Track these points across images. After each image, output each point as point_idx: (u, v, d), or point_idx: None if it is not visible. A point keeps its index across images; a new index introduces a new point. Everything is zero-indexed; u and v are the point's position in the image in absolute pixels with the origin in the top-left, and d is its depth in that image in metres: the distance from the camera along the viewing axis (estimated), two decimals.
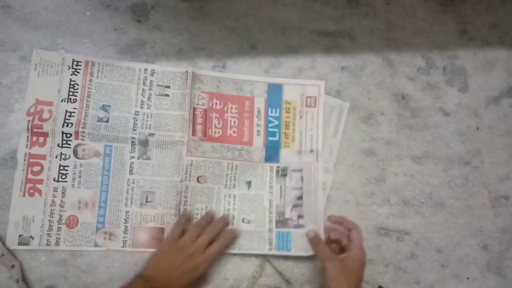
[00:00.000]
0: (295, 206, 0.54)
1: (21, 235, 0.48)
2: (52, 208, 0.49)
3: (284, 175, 0.55)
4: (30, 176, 0.49)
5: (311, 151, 0.56)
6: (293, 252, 0.52)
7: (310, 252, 0.52)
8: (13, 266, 0.47)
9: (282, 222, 0.54)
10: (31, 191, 0.49)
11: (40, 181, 0.49)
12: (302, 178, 0.55)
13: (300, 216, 0.54)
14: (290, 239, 0.53)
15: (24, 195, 0.49)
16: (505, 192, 0.61)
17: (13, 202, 0.49)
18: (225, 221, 0.52)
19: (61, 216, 0.49)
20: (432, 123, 0.61)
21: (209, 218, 0.51)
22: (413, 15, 0.64)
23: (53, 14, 0.54)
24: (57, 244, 0.49)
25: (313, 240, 0.51)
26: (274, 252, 0.52)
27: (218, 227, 0.51)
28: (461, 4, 0.66)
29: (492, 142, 0.62)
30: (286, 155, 0.56)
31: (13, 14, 0.53)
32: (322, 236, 0.52)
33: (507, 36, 0.66)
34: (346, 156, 0.58)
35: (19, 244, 0.48)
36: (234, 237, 0.52)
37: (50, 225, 0.49)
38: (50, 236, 0.49)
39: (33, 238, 0.48)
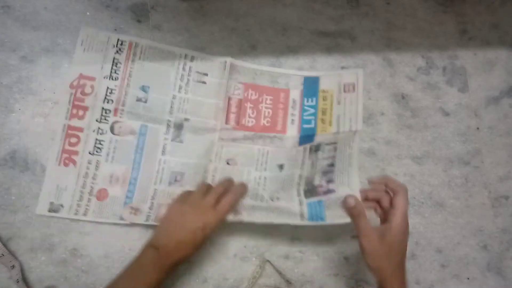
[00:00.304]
0: (324, 172, 0.49)
1: (52, 202, 0.49)
2: (85, 179, 0.50)
3: (317, 150, 0.52)
4: (67, 146, 0.50)
5: (350, 131, 0.55)
6: (327, 221, 0.46)
7: (346, 219, 0.44)
8: (13, 266, 0.47)
9: (310, 191, 0.49)
10: (67, 161, 0.50)
11: (76, 153, 0.50)
12: (335, 148, 0.51)
13: (330, 181, 0.48)
14: (323, 208, 0.47)
15: (59, 165, 0.50)
16: (505, 192, 0.61)
17: (48, 171, 0.50)
18: (233, 181, 0.51)
19: (92, 188, 0.50)
20: (432, 123, 0.61)
21: (224, 187, 0.49)
22: (413, 15, 0.64)
23: (53, 14, 0.54)
24: (84, 214, 0.49)
25: (353, 211, 0.43)
26: (306, 222, 0.47)
27: (227, 183, 0.50)
28: (461, 4, 0.66)
29: (492, 142, 0.62)
30: (322, 137, 0.55)
31: (13, 14, 0.53)
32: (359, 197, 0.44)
33: (507, 36, 0.66)
34: None
35: (49, 211, 0.49)
36: (244, 190, 0.50)
37: (81, 196, 0.50)
38: (79, 206, 0.49)
39: (63, 207, 0.49)
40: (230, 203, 0.47)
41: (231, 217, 0.48)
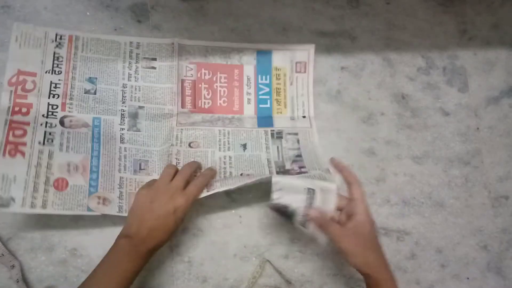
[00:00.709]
0: (295, 161, 0.53)
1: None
2: (38, 169, 0.46)
3: (279, 137, 0.55)
4: (11, 138, 0.46)
5: (304, 117, 0.56)
6: (302, 177, 0.48)
7: (321, 184, 0.46)
8: (13, 266, 0.47)
9: (283, 172, 0.52)
10: (13, 151, 0.45)
11: (23, 144, 0.46)
12: (298, 141, 0.55)
13: (301, 167, 0.52)
14: None
15: (4, 155, 0.45)
16: (505, 192, 0.61)
17: None
18: (200, 164, 0.50)
19: (48, 178, 0.46)
20: (432, 123, 0.61)
21: (192, 168, 0.48)
22: (413, 15, 0.64)
23: (53, 14, 0.54)
24: (44, 206, 0.45)
25: (319, 221, 0.44)
26: (279, 177, 0.46)
27: (194, 165, 0.49)
28: (461, 4, 0.66)
29: (492, 142, 0.62)
30: (279, 121, 0.56)
31: (13, 14, 0.53)
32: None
33: (507, 36, 0.66)
34: (346, 156, 0.58)
35: None
36: (213, 173, 0.49)
37: (36, 187, 0.45)
38: (35, 198, 0.45)
39: (14, 200, 0.44)
40: (199, 185, 0.46)
41: (205, 193, 0.47)
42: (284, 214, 0.45)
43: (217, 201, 0.54)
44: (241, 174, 0.51)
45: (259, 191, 0.54)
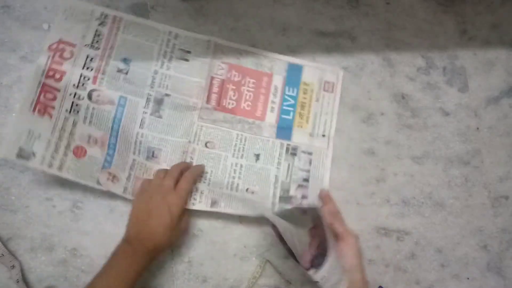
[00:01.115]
0: (300, 186, 0.55)
1: (22, 148, 0.46)
2: (62, 133, 0.48)
3: (293, 154, 0.55)
4: (42, 99, 0.48)
5: (323, 135, 0.57)
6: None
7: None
8: (13, 266, 0.47)
9: (285, 198, 0.54)
10: (42, 110, 0.48)
11: (52, 107, 0.49)
12: (310, 161, 0.56)
13: (304, 197, 0.54)
14: None
15: (33, 112, 0.47)
16: (505, 192, 0.61)
17: (19, 113, 0.47)
18: (189, 164, 0.51)
19: (69, 143, 0.49)
20: (432, 123, 0.61)
21: (180, 168, 0.50)
22: (413, 15, 0.64)
23: (53, 14, 0.54)
24: (59, 169, 0.47)
25: (331, 215, 0.46)
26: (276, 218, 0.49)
27: (182, 164, 0.50)
28: (461, 4, 0.66)
29: (492, 142, 0.62)
30: (298, 135, 0.56)
31: (13, 14, 0.53)
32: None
33: (507, 36, 0.66)
34: (346, 156, 0.58)
35: (17, 156, 0.46)
36: (201, 169, 0.51)
37: (57, 148, 0.48)
38: (54, 159, 0.47)
39: (34, 156, 0.46)
40: (188, 181, 0.48)
41: (208, 208, 0.50)
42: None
43: None
44: (247, 189, 0.53)
45: None
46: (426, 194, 0.59)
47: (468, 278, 0.58)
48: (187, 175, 0.48)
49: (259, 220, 0.54)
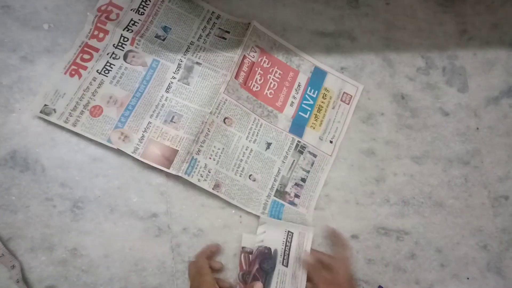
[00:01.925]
0: (297, 184, 0.56)
1: (46, 105, 0.50)
2: (85, 93, 0.52)
3: (301, 152, 0.57)
4: (78, 60, 0.52)
5: (331, 142, 0.58)
6: (283, 221, 0.54)
7: (299, 228, 0.54)
8: (13, 266, 0.47)
9: (280, 193, 0.56)
10: (73, 72, 0.52)
11: (85, 68, 0.52)
12: (313, 163, 0.57)
13: (297, 195, 0.56)
14: (282, 211, 0.55)
15: (65, 73, 0.52)
16: (505, 192, 0.61)
17: (53, 75, 0.51)
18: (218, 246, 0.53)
19: (88, 102, 0.52)
20: (431, 123, 0.61)
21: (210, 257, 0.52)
22: (413, 15, 0.64)
23: (53, 14, 0.54)
24: (74, 125, 0.51)
25: (310, 266, 0.51)
26: (266, 217, 0.54)
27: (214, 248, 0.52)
28: (461, 4, 0.66)
29: (492, 142, 0.62)
30: (309, 135, 0.58)
31: (13, 14, 0.53)
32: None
33: (507, 36, 0.66)
34: (346, 156, 0.58)
35: (41, 112, 0.50)
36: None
37: (76, 106, 0.51)
38: (71, 116, 0.51)
39: (55, 112, 0.50)
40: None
41: (210, 189, 0.52)
42: (267, 257, 0.51)
43: (217, 201, 0.54)
44: (250, 176, 0.55)
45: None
46: (425, 194, 0.59)
47: (468, 278, 0.58)
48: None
49: (259, 220, 0.54)
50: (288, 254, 0.52)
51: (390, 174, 0.59)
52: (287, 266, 0.51)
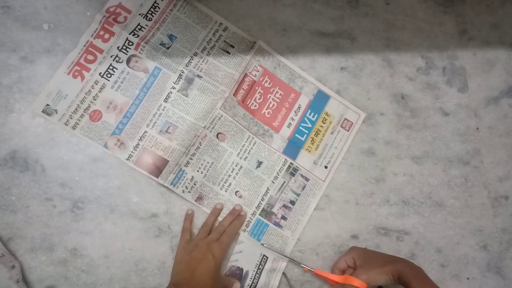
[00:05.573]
0: (285, 206, 0.55)
1: (48, 105, 0.51)
2: (86, 96, 0.52)
3: (292, 174, 0.56)
4: (82, 60, 0.53)
5: (326, 167, 0.57)
6: (260, 243, 0.54)
7: (276, 254, 0.53)
8: (13, 266, 0.47)
9: (266, 213, 0.55)
10: (76, 73, 0.52)
11: (88, 69, 0.53)
12: (304, 187, 0.56)
13: (284, 217, 0.55)
14: (265, 231, 0.54)
15: (68, 74, 0.52)
16: (505, 192, 0.61)
17: (56, 75, 0.52)
18: (234, 216, 0.53)
19: (89, 106, 0.52)
20: (431, 123, 0.61)
21: (216, 215, 0.53)
22: (413, 15, 0.64)
23: (53, 14, 0.54)
24: (74, 128, 0.52)
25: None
26: (245, 235, 0.54)
27: (227, 222, 0.52)
28: (461, 4, 0.66)
29: (492, 142, 0.62)
30: (304, 158, 0.57)
31: (13, 14, 0.53)
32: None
33: (507, 36, 0.66)
34: (346, 156, 0.58)
35: (42, 111, 0.51)
36: (241, 222, 0.54)
37: (77, 109, 0.52)
38: (71, 118, 0.52)
39: (56, 112, 0.51)
40: (230, 236, 0.51)
41: (192, 201, 0.53)
42: (237, 278, 0.51)
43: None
44: (236, 192, 0.54)
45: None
46: (425, 194, 0.59)
47: (468, 278, 0.58)
48: (229, 231, 0.51)
49: None
50: (258, 279, 0.52)
51: (390, 174, 0.59)
52: None
